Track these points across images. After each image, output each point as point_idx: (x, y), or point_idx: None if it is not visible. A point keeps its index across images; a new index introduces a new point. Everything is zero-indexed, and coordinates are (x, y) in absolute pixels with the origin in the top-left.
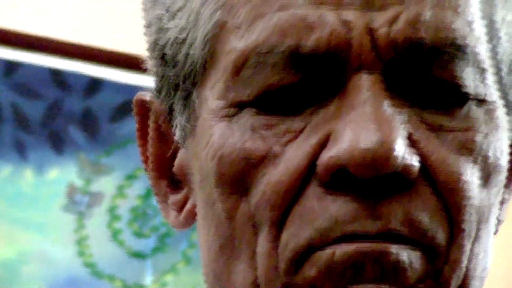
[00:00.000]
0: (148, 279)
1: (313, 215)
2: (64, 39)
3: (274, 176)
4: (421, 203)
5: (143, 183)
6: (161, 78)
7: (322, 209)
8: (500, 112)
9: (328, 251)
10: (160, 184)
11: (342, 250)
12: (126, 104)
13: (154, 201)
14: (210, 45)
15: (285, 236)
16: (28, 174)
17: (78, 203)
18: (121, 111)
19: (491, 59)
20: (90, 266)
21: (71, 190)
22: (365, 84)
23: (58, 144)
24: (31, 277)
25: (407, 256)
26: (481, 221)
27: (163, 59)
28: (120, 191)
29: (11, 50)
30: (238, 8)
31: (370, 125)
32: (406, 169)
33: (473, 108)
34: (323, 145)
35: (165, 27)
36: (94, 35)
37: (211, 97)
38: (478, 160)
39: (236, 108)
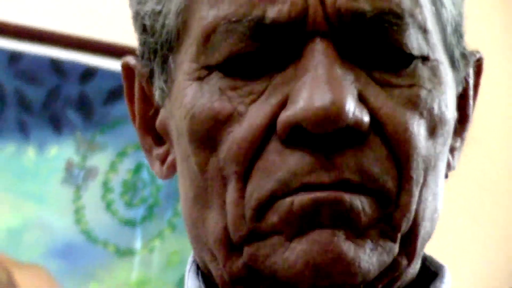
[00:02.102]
0: (138, 244)
1: (274, 168)
2: (62, 31)
3: (238, 133)
4: (372, 154)
5: (133, 159)
6: (143, 44)
7: (282, 163)
8: (444, 68)
9: (288, 200)
10: (146, 139)
11: (300, 199)
12: (117, 89)
13: (143, 175)
14: (183, 15)
15: (250, 187)
16: (30, 152)
17: (75, 177)
18: (113, 95)
19: (435, 21)
20: (86, 233)
21: (69, 166)
22: (318, 49)
23: (57, 124)
24: (33, 243)
25: (360, 202)
26: (428, 168)
27: (144, 28)
28: (113, 166)
29: (15, 41)
30: None
31: (322, 85)
32: (357, 124)
33: (418, 66)
34: (282, 105)
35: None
36: (89, 27)
37: (185, 60)
38: (423, 113)
39: (206, 70)
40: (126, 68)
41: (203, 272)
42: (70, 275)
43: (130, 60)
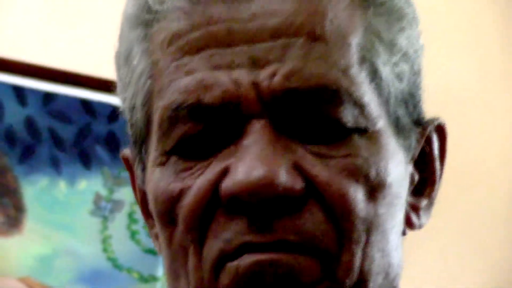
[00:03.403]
0: (160, 272)
1: (221, 231)
2: (93, 74)
3: (187, 204)
4: (310, 217)
5: None
6: (130, 136)
7: (227, 226)
8: (385, 137)
9: (235, 263)
10: (148, 221)
11: (244, 262)
12: None
13: None
14: (146, 108)
15: (205, 251)
16: (62, 185)
17: (103, 209)
18: None
19: (376, 95)
20: (112, 260)
21: (97, 198)
22: (255, 129)
23: (86, 160)
24: (63, 270)
25: (298, 262)
26: (370, 228)
27: (129, 123)
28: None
29: (48, 83)
30: (159, 76)
31: (257, 160)
32: (290, 191)
33: (354, 137)
34: (222, 173)
35: (123, 97)
36: None
37: (151, 149)
38: (360, 179)
39: (164, 156)
40: (125, 159)
41: None
42: None
43: (126, 151)
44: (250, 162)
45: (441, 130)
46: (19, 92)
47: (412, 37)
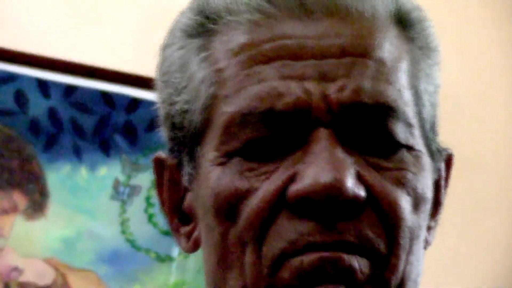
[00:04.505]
0: (175, 252)
1: (284, 232)
2: (111, 67)
3: (253, 204)
4: (367, 222)
5: None
6: (172, 140)
7: (291, 227)
8: (425, 158)
9: (298, 259)
10: (174, 220)
11: (308, 258)
12: (158, 118)
13: None
14: (207, 112)
15: (265, 248)
16: (83, 172)
17: (122, 193)
18: (155, 123)
19: (417, 119)
20: (130, 241)
21: (116, 184)
22: (322, 136)
23: (106, 148)
24: (85, 251)
25: (357, 262)
26: (413, 237)
27: (173, 125)
28: (154, 184)
29: (70, 76)
30: (226, 83)
31: (327, 166)
32: (355, 197)
33: (404, 153)
34: (290, 180)
35: (174, 101)
36: (135, 64)
37: (209, 150)
38: (409, 191)
39: (227, 157)
40: (157, 160)
41: None
42: (116, 279)
43: (161, 154)
44: (321, 167)
45: (449, 160)
46: (43, 85)
47: (439, 72)
